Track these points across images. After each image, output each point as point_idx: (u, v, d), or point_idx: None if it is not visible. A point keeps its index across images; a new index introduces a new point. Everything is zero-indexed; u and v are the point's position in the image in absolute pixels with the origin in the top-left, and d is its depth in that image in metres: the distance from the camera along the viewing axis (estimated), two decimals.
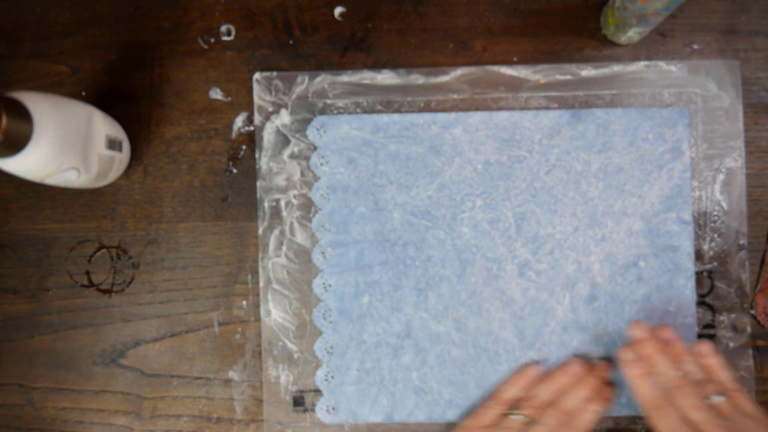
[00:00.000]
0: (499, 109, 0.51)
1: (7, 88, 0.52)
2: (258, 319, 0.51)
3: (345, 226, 0.50)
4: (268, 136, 0.51)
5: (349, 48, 0.52)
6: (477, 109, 0.51)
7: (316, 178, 0.51)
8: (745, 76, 0.51)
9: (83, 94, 0.52)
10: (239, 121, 0.52)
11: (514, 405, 0.47)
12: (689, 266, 0.50)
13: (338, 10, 0.52)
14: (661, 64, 0.51)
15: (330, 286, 0.50)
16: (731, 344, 0.50)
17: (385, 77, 0.51)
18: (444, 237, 0.50)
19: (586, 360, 0.49)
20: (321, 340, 0.50)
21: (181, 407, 0.51)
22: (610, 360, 0.49)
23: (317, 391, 0.50)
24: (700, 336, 0.50)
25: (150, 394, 0.51)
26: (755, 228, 0.51)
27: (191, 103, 0.52)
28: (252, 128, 0.52)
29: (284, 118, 0.51)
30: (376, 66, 0.52)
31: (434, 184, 0.50)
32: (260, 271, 0.51)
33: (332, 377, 0.50)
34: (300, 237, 0.51)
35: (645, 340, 0.47)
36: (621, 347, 0.48)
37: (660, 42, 0.52)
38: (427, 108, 0.51)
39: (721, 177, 0.50)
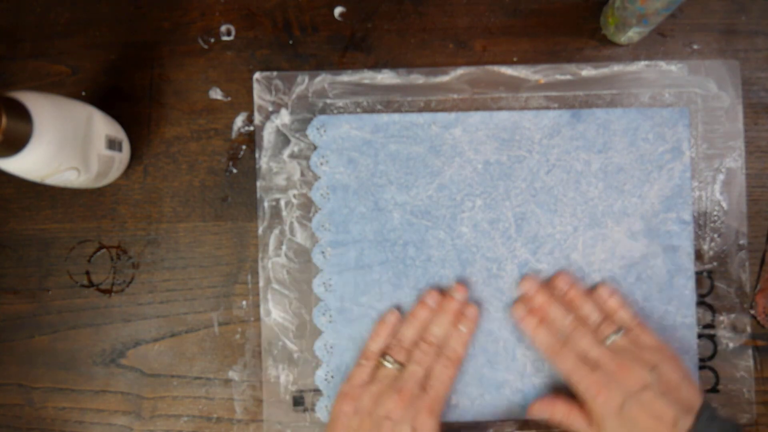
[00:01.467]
0: (499, 109, 0.51)
1: (7, 88, 0.52)
2: (258, 319, 0.51)
3: (345, 226, 0.50)
4: (268, 135, 0.51)
5: (349, 48, 0.52)
6: (477, 109, 0.51)
7: (316, 178, 0.51)
8: (745, 76, 0.51)
9: (83, 94, 0.52)
10: (239, 121, 0.52)
11: (384, 354, 0.47)
12: (689, 266, 0.50)
13: (338, 10, 0.52)
14: (661, 64, 0.51)
15: (330, 285, 0.50)
16: (731, 344, 0.50)
17: (385, 77, 0.51)
18: (444, 237, 0.50)
19: (439, 289, 0.49)
20: (321, 340, 0.50)
21: (181, 407, 0.51)
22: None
23: (317, 391, 0.50)
24: (700, 336, 0.50)
25: (150, 394, 0.51)
26: (755, 228, 0.51)
27: (191, 103, 0.52)
28: (252, 128, 0.52)
29: (284, 117, 0.51)
30: (376, 66, 0.52)
31: (434, 184, 0.50)
32: (260, 270, 0.51)
33: (332, 377, 0.50)
34: (300, 237, 0.51)
35: (534, 293, 0.48)
36: (513, 305, 0.49)
37: (660, 42, 0.52)
38: (427, 108, 0.51)
39: (721, 177, 0.50)
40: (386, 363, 0.46)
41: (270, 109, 0.51)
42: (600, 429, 0.43)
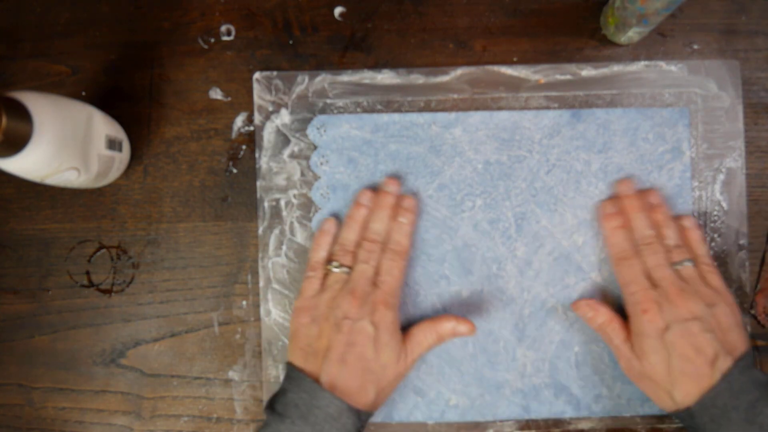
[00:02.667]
0: (499, 109, 0.51)
1: (7, 88, 0.52)
2: (258, 319, 0.51)
3: None
4: (268, 135, 0.51)
5: (349, 48, 0.52)
6: (477, 109, 0.51)
7: (316, 178, 0.51)
8: (745, 76, 0.51)
9: (83, 94, 0.52)
10: (239, 121, 0.52)
11: (330, 261, 0.47)
12: None
13: (338, 10, 0.52)
14: (661, 64, 0.51)
15: None
16: None
17: (385, 77, 0.51)
18: (444, 237, 0.50)
19: (372, 188, 0.49)
20: None
21: (181, 407, 0.51)
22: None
23: None
24: None
25: (150, 394, 0.51)
26: (755, 228, 0.51)
27: (191, 103, 0.52)
28: (252, 128, 0.52)
29: (284, 117, 0.51)
30: (376, 66, 0.52)
31: (434, 184, 0.50)
32: (260, 270, 0.51)
33: None
34: (300, 237, 0.51)
35: (628, 196, 0.48)
36: (603, 201, 0.49)
37: (660, 42, 0.52)
38: (427, 108, 0.51)
39: (721, 177, 0.50)
40: (334, 269, 0.46)
41: (270, 109, 0.51)
42: (635, 347, 0.44)
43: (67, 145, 0.42)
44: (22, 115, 0.39)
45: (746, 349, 0.42)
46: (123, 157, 0.50)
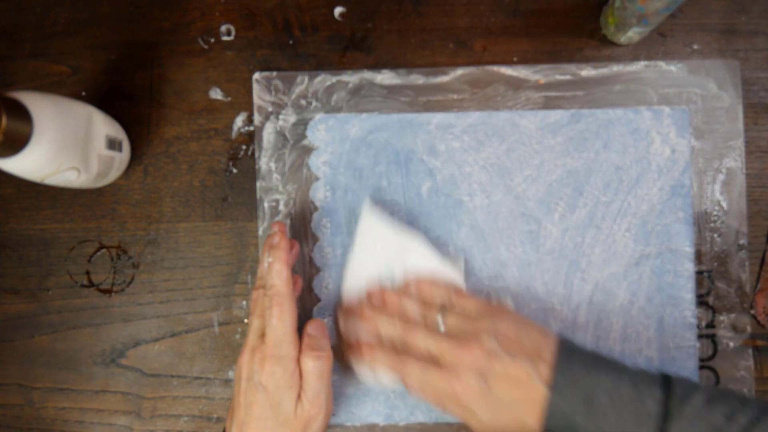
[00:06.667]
0: (499, 109, 0.51)
1: (7, 88, 0.52)
2: None
3: (345, 226, 0.50)
4: (267, 136, 0.51)
5: (349, 48, 0.52)
6: (477, 109, 0.51)
7: (316, 178, 0.51)
8: (745, 76, 0.51)
9: (83, 94, 0.52)
10: (239, 121, 0.52)
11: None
12: (689, 266, 0.50)
13: (338, 10, 0.52)
14: (661, 64, 0.51)
15: (330, 286, 0.50)
16: (731, 344, 0.50)
17: (385, 77, 0.51)
18: (443, 237, 0.50)
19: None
20: None
21: (181, 407, 0.51)
22: None
23: None
24: (700, 336, 0.50)
25: (150, 394, 0.51)
26: (755, 228, 0.51)
27: (191, 103, 0.52)
28: (252, 128, 0.52)
29: (284, 118, 0.51)
30: (376, 66, 0.52)
31: (434, 184, 0.50)
32: None
33: (332, 377, 0.50)
34: (300, 237, 0.51)
35: (360, 310, 0.46)
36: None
37: (660, 42, 0.52)
38: (427, 108, 0.51)
39: (721, 177, 0.50)
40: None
41: (270, 109, 0.51)
42: (472, 416, 0.41)
43: (67, 145, 0.42)
44: (22, 115, 0.39)
45: (554, 339, 0.40)
46: (123, 157, 0.50)
